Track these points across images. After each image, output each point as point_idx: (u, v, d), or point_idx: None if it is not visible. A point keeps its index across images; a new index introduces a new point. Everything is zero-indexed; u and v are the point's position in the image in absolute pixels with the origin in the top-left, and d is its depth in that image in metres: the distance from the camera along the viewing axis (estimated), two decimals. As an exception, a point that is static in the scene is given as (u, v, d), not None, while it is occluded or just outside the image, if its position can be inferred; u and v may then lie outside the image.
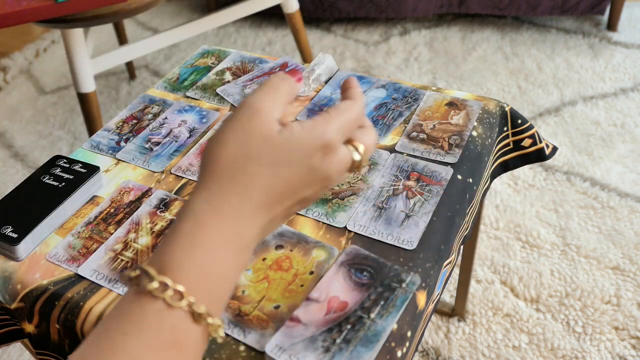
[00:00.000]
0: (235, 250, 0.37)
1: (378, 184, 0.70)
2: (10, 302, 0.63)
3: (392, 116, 0.82)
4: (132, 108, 0.88)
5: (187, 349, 0.35)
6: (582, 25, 2.13)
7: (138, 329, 0.34)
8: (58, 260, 0.64)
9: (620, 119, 1.68)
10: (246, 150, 0.37)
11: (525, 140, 0.84)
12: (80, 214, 0.70)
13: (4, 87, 2.12)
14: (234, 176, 0.37)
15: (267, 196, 0.37)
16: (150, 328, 0.34)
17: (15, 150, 1.79)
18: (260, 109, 0.38)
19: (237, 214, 0.37)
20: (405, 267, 0.60)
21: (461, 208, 0.70)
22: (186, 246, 0.35)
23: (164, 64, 2.13)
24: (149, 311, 0.34)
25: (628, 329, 1.13)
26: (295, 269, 0.61)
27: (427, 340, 1.14)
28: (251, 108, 0.38)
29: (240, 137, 0.37)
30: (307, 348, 0.53)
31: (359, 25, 2.27)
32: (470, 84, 1.88)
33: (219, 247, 0.36)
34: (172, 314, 0.34)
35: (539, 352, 1.10)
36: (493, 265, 1.27)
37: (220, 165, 0.37)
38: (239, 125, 0.38)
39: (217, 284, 0.36)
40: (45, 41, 2.37)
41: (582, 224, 1.35)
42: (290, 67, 0.94)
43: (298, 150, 0.38)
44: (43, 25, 1.20)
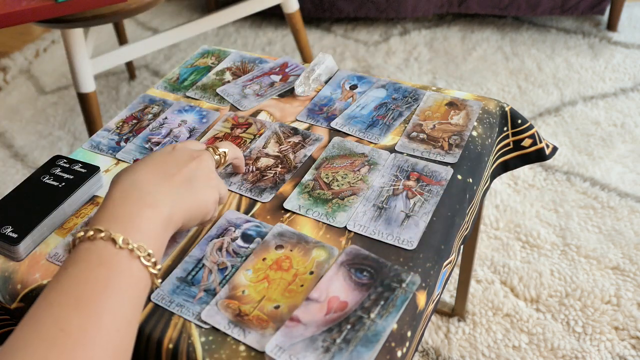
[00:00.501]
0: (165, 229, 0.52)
1: (378, 184, 0.70)
2: (10, 302, 0.63)
3: (392, 116, 0.82)
4: (132, 108, 0.88)
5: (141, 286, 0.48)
6: (582, 25, 2.13)
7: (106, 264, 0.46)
8: (58, 260, 0.64)
9: (620, 119, 1.68)
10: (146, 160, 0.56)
11: (525, 140, 0.84)
12: (80, 214, 0.70)
13: (4, 87, 2.12)
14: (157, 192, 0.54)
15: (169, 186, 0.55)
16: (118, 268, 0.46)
17: (15, 150, 1.79)
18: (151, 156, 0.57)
19: None
20: (405, 267, 0.60)
21: (461, 208, 0.70)
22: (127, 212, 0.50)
23: (164, 64, 2.13)
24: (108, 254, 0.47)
25: (628, 329, 1.13)
26: (295, 269, 0.61)
27: (427, 340, 1.14)
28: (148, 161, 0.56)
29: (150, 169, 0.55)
30: (307, 348, 0.53)
31: (359, 25, 2.27)
32: (470, 84, 1.88)
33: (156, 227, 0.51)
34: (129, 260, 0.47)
35: (539, 352, 1.10)
36: (493, 265, 1.27)
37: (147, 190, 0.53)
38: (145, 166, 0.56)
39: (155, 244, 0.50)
40: (45, 41, 2.37)
41: (582, 224, 1.35)
42: (290, 67, 0.94)
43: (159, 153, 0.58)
44: (43, 25, 1.20)
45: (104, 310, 0.43)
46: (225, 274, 0.61)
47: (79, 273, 0.45)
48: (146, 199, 0.51)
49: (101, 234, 0.47)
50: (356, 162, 0.74)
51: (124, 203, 0.50)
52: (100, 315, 0.42)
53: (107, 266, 0.46)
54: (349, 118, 0.82)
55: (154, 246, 0.49)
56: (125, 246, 0.47)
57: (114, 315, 0.43)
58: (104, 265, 0.46)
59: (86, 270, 0.45)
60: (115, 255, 0.46)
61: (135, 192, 0.51)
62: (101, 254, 0.46)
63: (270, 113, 0.84)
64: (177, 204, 0.53)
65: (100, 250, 0.46)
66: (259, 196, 0.70)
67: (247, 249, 0.64)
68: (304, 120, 0.82)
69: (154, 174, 0.54)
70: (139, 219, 0.49)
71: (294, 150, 0.77)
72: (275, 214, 0.68)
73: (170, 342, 0.56)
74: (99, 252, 0.46)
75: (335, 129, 0.80)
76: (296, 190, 0.70)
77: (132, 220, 0.49)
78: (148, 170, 0.54)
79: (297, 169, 0.74)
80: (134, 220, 0.49)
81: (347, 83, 0.89)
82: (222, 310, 0.57)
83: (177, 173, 0.56)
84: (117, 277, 0.45)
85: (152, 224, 0.50)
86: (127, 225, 0.48)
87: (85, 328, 0.41)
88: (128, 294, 0.45)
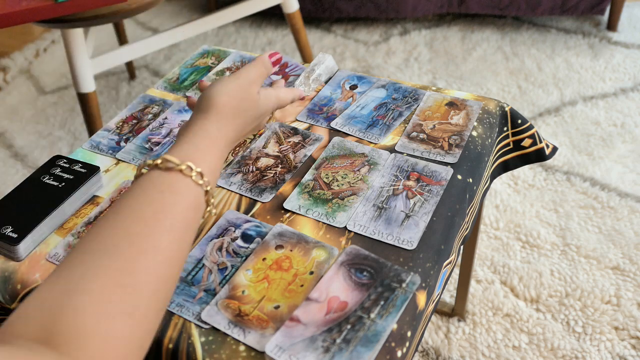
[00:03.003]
0: (224, 158, 0.57)
1: (378, 184, 0.70)
2: (10, 302, 0.63)
3: (392, 116, 0.82)
4: (132, 108, 0.88)
5: (199, 214, 0.51)
6: (582, 25, 2.13)
7: (173, 190, 0.49)
8: (58, 260, 0.64)
9: (620, 119, 1.68)
10: (242, 105, 0.60)
11: (525, 140, 0.84)
12: (80, 214, 0.70)
13: (4, 87, 2.12)
14: (233, 119, 0.59)
15: (242, 134, 0.62)
16: (182, 192, 0.49)
17: (15, 150, 1.79)
18: (252, 80, 0.62)
19: (230, 142, 0.59)
20: (405, 267, 0.60)
21: (461, 208, 0.70)
22: (203, 150, 0.54)
23: (164, 64, 2.13)
24: (181, 182, 0.49)
25: (628, 329, 1.13)
26: (295, 269, 0.61)
27: (427, 340, 1.14)
28: (248, 79, 0.62)
29: (240, 96, 0.60)
30: (307, 348, 0.53)
31: (359, 25, 2.27)
32: (470, 84, 1.88)
33: (220, 156, 0.56)
34: (196, 189, 0.50)
35: (539, 352, 1.10)
36: (493, 265, 1.27)
37: (227, 109, 0.59)
38: (239, 88, 0.61)
39: (216, 177, 0.55)
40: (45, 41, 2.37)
41: (582, 224, 1.35)
42: (290, 67, 0.94)
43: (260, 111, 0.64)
44: (43, 25, 1.20)
45: (164, 228, 0.46)
46: (225, 274, 0.61)
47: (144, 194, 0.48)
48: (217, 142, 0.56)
49: (202, 181, 0.51)
50: (356, 162, 0.74)
51: (195, 141, 0.55)
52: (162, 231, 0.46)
53: (197, 211, 0.50)
54: (349, 118, 0.82)
55: (213, 174, 0.54)
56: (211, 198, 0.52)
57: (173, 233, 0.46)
58: (196, 210, 0.50)
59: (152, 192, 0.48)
60: (203, 204, 0.51)
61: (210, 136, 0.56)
62: (197, 200, 0.50)
63: (270, 113, 0.84)
64: (239, 137, 0.61)
65: (196, 194, 0.50)
66: (259, 196, 0.70)
67: (247, 249, 0.64)
68: (304, 120, 0.82)
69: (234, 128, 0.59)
70: (209, 156, 0.54)
71: (294, 150, 0.77)
72: (275, 214, 0.68)
73: (170, 342, 0.56)
74: (196, 195, 0.50)
75: (335, 129, 0.80)
76: (296, 190, 0.70)
77: (203, 156, 0.53)
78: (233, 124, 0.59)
79: (297, 169, 0.74)
80: (204, 156, 0.53)
81: (347, 83, 0.89)
82: (222, 310, 0.57)
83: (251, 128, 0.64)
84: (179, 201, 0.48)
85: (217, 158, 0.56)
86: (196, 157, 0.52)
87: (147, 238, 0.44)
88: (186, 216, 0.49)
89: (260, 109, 0.63)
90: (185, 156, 0.52)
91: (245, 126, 0.62)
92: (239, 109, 0.60)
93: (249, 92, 0.61)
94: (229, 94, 0.59)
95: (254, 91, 0.62)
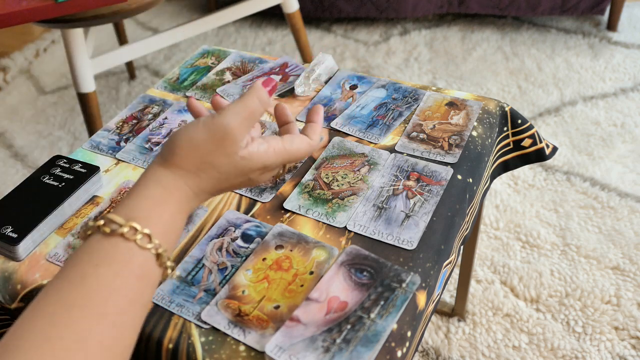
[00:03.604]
0: (186, 216, 0.49)
1: (378, 184, 0.70)
2: (10, 302, 0.63)
3: (392, 116, 0.82)
4: (132, 108, 0.88)
5: (150, 282, 0.44)
6: (582, 25, 2.13)
7: (109, 261, 0.42)
8: (58, 260, 0.64)
9: (620, 119, 1.68)
10: (211, 160, 0.49)
11: (525, 140, 0.84)
12: (80, 214, 0.70)
13: (4, 87, 2.12)
14: (197, 173, 0.49)
15: (216, 189, 0.51)
16: (121, 261, 0.42)
17: (15, 150, 1.79)
18: (230, 134, 0.49)
19: (194, 195, 0.50)
20: (405, 267, 0.60)
21: (461, 208, 0.69)
22: (154, 204, 0.46)
23: (164, 64, 2.13)
24: (121, 249, 0.42)
25: (628, 329, 1.13)
26: (295, 269, 0.61)
27: (427, 340, 1.14)
28: (226, 130, 0.48)
29: (210, 150, 0.49)
30: (307, 348, 0.53)
31: (359, 25, 2.27)
32: (470, 84, 1.88)
33: (178, 212, 0.48)
34: (142, 254, 0.43)
35: (539, 352, 1.10)
36: (493, 265, 1.27)
37: (190, 161, 0.49)
38: (210, 140, 0.49)
39: (174, 236, 0.47)
40: (45, 41, 2.37)
41: (582, 224, 1.35)
42: (290, 67, 0.94)
43: (248, 168, 0.51)
44: (43, 25, 1.20)
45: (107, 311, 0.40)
46: (225, 274, 0.61)
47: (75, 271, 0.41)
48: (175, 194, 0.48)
49: (150, 245, 0.43)
50: (356, 162, 0.74)
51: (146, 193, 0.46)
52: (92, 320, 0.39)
53: (144, 281, 0.43)
54: (349, 118, 0.82)
55: (168, 233, 0.46)
56: (165, 262, 0.44)
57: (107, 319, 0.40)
58: (142, 280, 0.43)
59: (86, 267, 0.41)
60: (155, 271, 0.44)
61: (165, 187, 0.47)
62: (143, 267, 0.43)
63: (270, 113, 0.84)
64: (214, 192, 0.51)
65: (143, 261, 0.43)
66: (259, 196, 0.70)
67: (247, 249, 0.64)
68: (304, 120, 0.82)
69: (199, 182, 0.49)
70: (161, 211, 0.46)
71: (294, 150, 0.77)
72: (275, 214, 0.68)
73: (170, 342, 0.56)
74: (141, 261, 0.43)
75: (335, 129, 0.80)
76: (296, 190, 0.70)
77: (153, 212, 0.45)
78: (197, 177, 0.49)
79: (297, 169, 0.74)
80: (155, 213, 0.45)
81: (347, 83, 0.89)
82: (222, 310, 0.57)
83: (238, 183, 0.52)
84: (119, 273, 0.42)
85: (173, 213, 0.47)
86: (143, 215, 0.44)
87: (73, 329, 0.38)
88: (128, 291, 0.41)
89: (248, 166, 0.50)
90: (131, 213, 0.44)
91: (222, 182, 0.51)
92: (205, 164, 0.49)
93: (222, 145, 0.48)
94: (194, 145, 0.48)
95: (232, 144, 0.49)
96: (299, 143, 0.54)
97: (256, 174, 0.52)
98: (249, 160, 0.50)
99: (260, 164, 0.51)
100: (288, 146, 0.53)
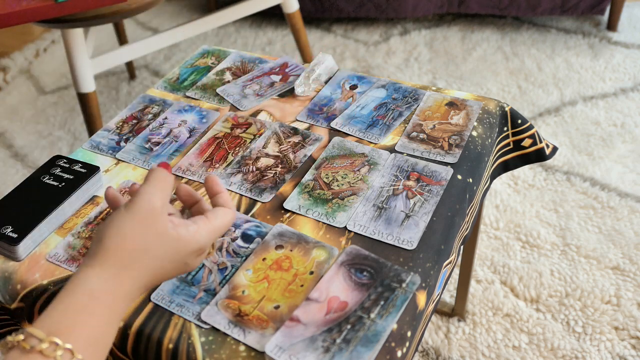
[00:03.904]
0: (118, 320, 0.45)
1: (378, 184, 0.70)
2: (10, 302, 0.63)
3: (392, 116, 0.82)
4: (132, 108, 0.88)
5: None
6: (582, 25, 2.13)
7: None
8: (58, 260, 0.64)
9: (620, 119, 1.68)
10: (143, 245, 0.46)
11: (525, 140, 0.84)
12: (80, 214, 0.70)
13: (4, 87, 2.11)
14: (131, 265, 0.45)
15: (151, 281, 0.48)
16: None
17: (15, 150, 1.79)
18: (155, 209, 0.47)
19: (127, 295, 0.45)
20: (405, 267, 0.60)
21: (461, 208, 0.70)
22: (79, 315, 0.42)
23: (164, 64, 2.13)
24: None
25: (628, 329, 1.13)
26: (295, 269, 0.61)
27: (427, 340, 1.14)
28: (147, 208, 0.46)
29: (139, 233, 0.45)
30: (307, 348, 0.53)
31: (359, 25, 2.26)
32: (470, 84, 1.88)
33: (106, 321, 0.43)
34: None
35: (539, 352, 1.10)
36: (493, 265, 1.27)
37: (119, 254, 0.45)
38: (137, 223, 0.46)
39: (102, 347, 0.43)
40: (45, 41, 2.37)
41: (582, 224, 1.35)
42: (290, 67, 0.94)
43: (183, 251, 0.48)
44: (43, 25, 1.20)
45: None
46: (225, 274, 0.61)
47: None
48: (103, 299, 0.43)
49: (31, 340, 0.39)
50: (356, 162, 0.74)
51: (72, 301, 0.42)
52: None
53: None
54: (349, 118, 0.82)
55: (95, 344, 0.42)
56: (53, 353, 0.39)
57: None
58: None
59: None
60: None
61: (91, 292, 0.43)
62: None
63: (270, 113, 0.84)
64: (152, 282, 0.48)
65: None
66: (259, 196, 0.70)
67: (247, 249, 0.64)
68: (304, 120, 0.82)
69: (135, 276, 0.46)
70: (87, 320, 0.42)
71: (294, 150, 0.77)
72: (275, 214, 0.68)
73: (170, 342, 0.56)
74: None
75: (335, 129, 0.80)
76: (296, 190, 0.70)
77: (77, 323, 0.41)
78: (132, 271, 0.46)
79: (297, 169, 0.74)
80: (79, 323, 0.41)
81: (347, 83, 0.89)
82: (222, 310, 0.57)
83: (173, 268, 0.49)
84: None
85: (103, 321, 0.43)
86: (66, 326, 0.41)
87: None
88: None
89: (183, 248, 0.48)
90: (53, 325, 0.40)
91: (156, 270, 0.47)
92: (137, 252, 0.45)
93: (152, 225, 0.46)
94: (123, 234, 0.45)
95: (160, 221, 0.47)
96: (223, 215, 0.51)
97: (192, 257, 0.49)
98: (183, 242, 0.47)
99: (195, 245, 0.48)
100: (214, 222, 0.50)
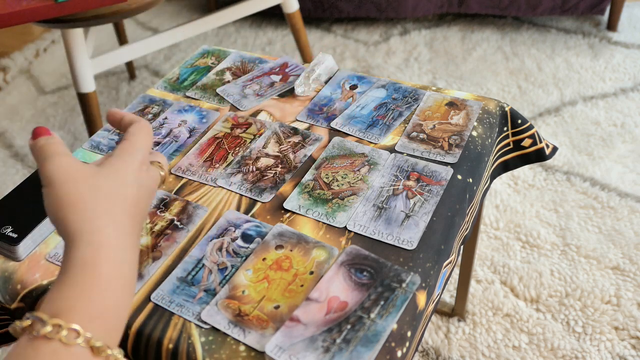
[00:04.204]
0: (123, 286, 0.41)
1: (378, 184, 0.70)
2: (10, 302, 0.63)
3: (392, 116, 0.82)
4: (132, 108, 0.88)
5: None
6: (582, 25, 2.13)
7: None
8: (58, 260, 0.64)
9: (620, 119, 1.68)
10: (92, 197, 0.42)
11: (525, 140, 0.84)
12: (80, 214, 0.70)
13: (4, 87, 2.12)
14: (98, 215, 0.41)
15: (129, 213, 0.43)
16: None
17: (15, 150, 1.79)
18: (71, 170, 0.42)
19: (116, 242, 0.41)
20: (405, 267, 0.60)
21: (461, 208, 0.70)
22: (77, 289, 0.39)
23: (164, 64, 2.13)
24: (44, 352, 0.36)
25: (628, 329, 1.13)
26: (295, 269, 0.61)
27: (427, 340, 1.14)
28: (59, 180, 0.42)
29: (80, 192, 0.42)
30: (307, 348, 0.53)
31: (359, 25, 2.27)
32: (470, 84, 1.88)
33: (108, 282, 0.39)
34: (69, 352, 0.36)
35: (539, 352, 1.10)
36: (493, 265, 1.27)
37: (83, 215, 0.41)
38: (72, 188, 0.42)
39: (112, 316, 0.39)
40: (45, 41, 2.37)
41: (582, 224, 1.35)
42: (290, 67, 0.94)
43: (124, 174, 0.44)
44: (43, 25, 1.20)
45: None
46: (225, 274, 0.61)
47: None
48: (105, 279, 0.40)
49: (79, 340, 0.37)
50: (356, 162, 0.74)
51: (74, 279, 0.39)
52: None
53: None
54: (349, 118, 0.82)
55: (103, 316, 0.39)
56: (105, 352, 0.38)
57: None
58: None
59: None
60: (45, 352, 0.37)
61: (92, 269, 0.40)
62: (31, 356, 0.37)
63: (270, 113, 0.84)
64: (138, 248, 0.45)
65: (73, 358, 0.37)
66: (259, 196, 0.70)
67: (247, 249, 0.64)
68: (304, 120, 0.82)
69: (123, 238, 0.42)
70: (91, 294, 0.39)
71: (294, 150, 0.77)
72: (275, 214, 0.68)
73: (170, 342, 0.56)
74: (26, 353, 0.37)
75: (335, 129, 0.80)
76: (296, 190, 0.70)
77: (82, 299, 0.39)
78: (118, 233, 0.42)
79: (297, 169, 0.74)
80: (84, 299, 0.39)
81: (347, 83, 0.89)
82: (222, 310, 0.57)
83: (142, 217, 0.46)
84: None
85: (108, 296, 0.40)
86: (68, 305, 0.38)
87: None
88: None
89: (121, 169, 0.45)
90: (54, 305, 0.38)
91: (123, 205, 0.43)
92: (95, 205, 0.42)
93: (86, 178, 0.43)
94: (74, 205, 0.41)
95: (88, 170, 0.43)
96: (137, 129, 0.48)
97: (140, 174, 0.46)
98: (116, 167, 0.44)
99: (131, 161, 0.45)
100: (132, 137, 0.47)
